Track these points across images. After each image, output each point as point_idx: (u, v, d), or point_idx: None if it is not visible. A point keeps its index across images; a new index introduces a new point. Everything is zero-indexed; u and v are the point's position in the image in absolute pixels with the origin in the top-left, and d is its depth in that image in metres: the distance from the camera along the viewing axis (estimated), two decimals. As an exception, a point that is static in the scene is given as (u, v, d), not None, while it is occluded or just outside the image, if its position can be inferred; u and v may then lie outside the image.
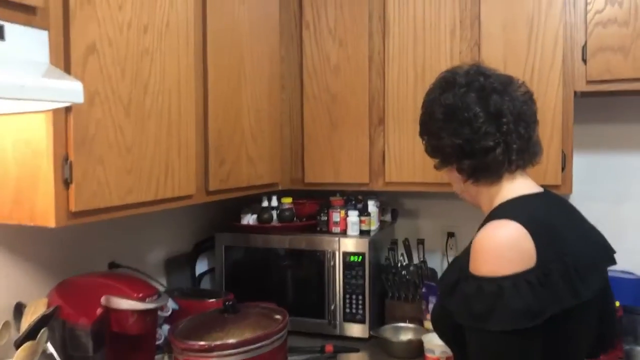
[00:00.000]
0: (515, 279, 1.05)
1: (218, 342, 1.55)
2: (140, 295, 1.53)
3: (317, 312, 2.20)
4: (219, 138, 1.87)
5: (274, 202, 2.34)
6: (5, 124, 1.33)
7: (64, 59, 1.28)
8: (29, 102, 1.13)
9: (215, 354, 1.52)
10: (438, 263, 2.52)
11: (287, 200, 2.34)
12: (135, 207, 1.52)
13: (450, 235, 2.51)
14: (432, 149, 1.33)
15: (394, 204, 2.58)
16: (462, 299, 1.12)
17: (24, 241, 1.63)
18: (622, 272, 2.24)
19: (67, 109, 1.29)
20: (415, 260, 2.37)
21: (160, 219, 2.19)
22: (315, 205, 2.38)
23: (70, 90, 1.11)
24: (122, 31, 1.44)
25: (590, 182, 2.28)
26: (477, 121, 1.21)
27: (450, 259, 2.48)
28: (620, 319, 2.04)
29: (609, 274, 2.24)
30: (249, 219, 2.33)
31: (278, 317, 1.74)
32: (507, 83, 1.27)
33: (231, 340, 1.56)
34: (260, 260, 2.30)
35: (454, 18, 2.11)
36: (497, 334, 1.07)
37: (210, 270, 2.44)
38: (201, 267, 2.42)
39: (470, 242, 1.31)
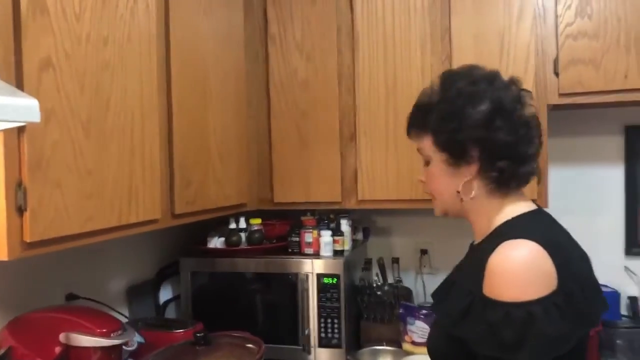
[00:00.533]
0: (544, 303, 0.99)
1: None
2: (104, 330, 1.41)
3: (291, 339, 2.10)
4: (185, 158, 1.76)
5: (242, 224, 2.24)
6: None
7: (15, 75, 1.16)
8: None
9: (188, 391, 1.40)
10: (412, 281, 2.46)
11: (256, 222, 2.24)
12: (96, 235, 1.40)
13: (424, 252, 2.45)
14: (459, 143, 1.16)
15: (365, 222, 2.51)
16: (486, 327, 1.02)
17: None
18: (597, 285, 2.22)
19: (20, 130, 1.17)
20: (390, 280, 2.30)
21: (120, 245, 2.05)
22: (285, 225, 2.29)
23: (25, 108, 0.99)
24: (80, 44, 1.32)
25: (562, 196, 2.26)
26: (532, 124, 1.17)
27: (425, 277, 2.42)
28: (599, 333, 2.02)
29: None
30: (216, 243, 2.22)
31: (253, 346, 1.64)
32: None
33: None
34: (229, 285, 2.19)
35: (424, 31, 2.07)
36: None
37: (175, 298, 2.31)
38: (165, 294, 2.29)
39: (466, 261, 1.24)
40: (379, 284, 2.25)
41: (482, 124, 1.14)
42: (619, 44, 1.89)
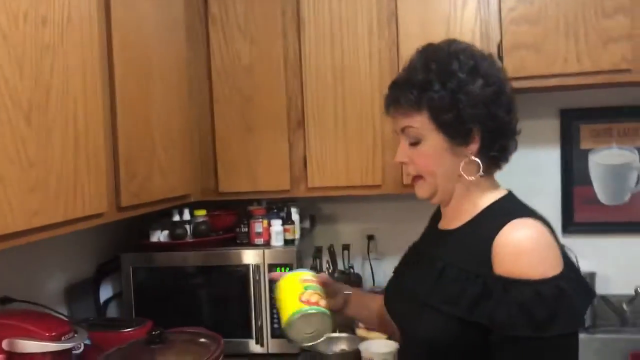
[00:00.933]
0: (566, 278, 0.99)
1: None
2: (53, 334, 1.31)
3: (243, 331, 2.04)
4: (129, 148, 1.66)
5: (187, 216, 2.15)
6: None
7: (-52, 55, 1.04)
8: None
9: (150, 394, 1.32)
10: (360, 267, 2.46)
11: (201, 213, 2.16)
12: (42, 231, 1.28)
13: (370, 238, 2.46)
14: (464, 121, 1.10)
15: (311, 209, 2.48)
16: (516, 308, 0.98)
17: None
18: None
19: (-44, 118, 1.05)
20: (340, 267, 2.29)
21: (55, 242, 1.91)
22: (231, 216, 2.22)
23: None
24: (17, 23, 1.20)
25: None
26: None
27: (373, 263, 2.43)
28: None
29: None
30: (159, 236, 2.12)
31: (210, 342, 1.57)
32: None
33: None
34: (174, 280, 2.10)
35: (371, 16, 2.05)
36: (558, 339, 0.98)
37: (116, 296, 2.19)
38: (105, 292, 2.17)
39: (446, 243, 1.18)
40: (330, 271, 2.23)
41: (487, 101, 1.10)
42: (558, 29, 1.95)
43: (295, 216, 2.15)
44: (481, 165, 1.13)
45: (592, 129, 2.30)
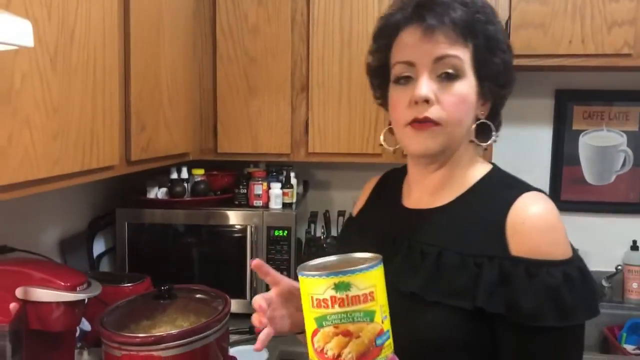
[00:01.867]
0: (581, 258, 0.90)
1: (163, 332, 1.36)
2: (68, 283, 1.29)
3: (238, 292, 2.06)
4: (140, 101, 1.63)
5: (184, 174, 2.13)
6: None
7: (-17, -9, 1.00)
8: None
9: (162, 345, 1.33)
10: (350, 235, 2.49)
11: (199, 172, 2.14)
12: (61, 180, 1.26)
13: (362, 206, 2.48)
14: (508, 72, 1.01)
15: (304, 175, 2.49)
16: (544, 294, 0.85)
17: None
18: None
19: (-11, 57, 1.02)
20: (334, 233, 2.32)
21: (51, 194, 1.87)
22: (230, 177, 2.21)
23: (18, 30, 0.85)
24: (46, -37, 1.16)
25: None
26: None
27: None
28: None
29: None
30: (157, 193, 2.10)
31: (217, 300, 1.58)
32: None
33: (176, 331, 1.38)
34: (169, 238, 2.09)
35: (382, -19, 2.04)
36: (578, 328, 0.88)
37: (109, 251, 2.17)
38: (98, 247, 2.14)
39: (434, 222, 1.01)
40: (324, 237, 2.25)
41: (511, 62, 1.00)
42: (566, 10, 1.99)
43: (293, 180, 2.15)
44: (493, 130, 1.01)
45: (585, 110, 2.36)
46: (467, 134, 1.00)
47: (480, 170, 1.03)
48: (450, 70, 0.94)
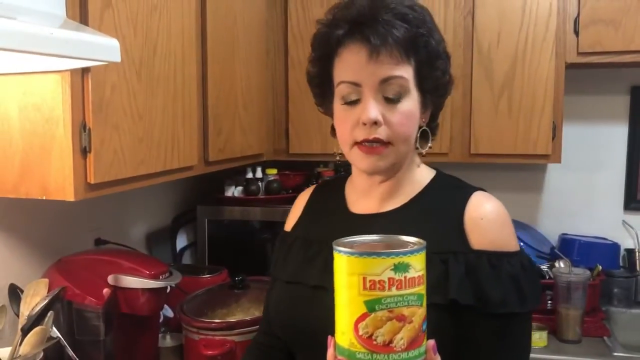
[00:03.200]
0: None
1: (236, 319, 1.48)
2: (152, 272, 1.44)
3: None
4: (217, 106, 1.76)
5: (259, 174, 2.26)
6: (7, 86, 1.18)
7: (79, 13, 1.15)
8: (48, 59, 1.00)
9: (236, 331, 1.45)
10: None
11: (273, 172, 2.26)
12: (145, 179, 1.41)
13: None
14: (447, 81, 1.05)
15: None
16: (509, 282, 0.93)
17: (8, 218, 1.47)
18: (595, 237, 2.35)
19: (85, 71, 1.17)
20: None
21: (139, 192, 2.05)
22: (300, 176, 2.32)
23: (107, 47, 0.99)
24: (132, -15, 1.30)
25: (568, 151, 2.32)
26: None
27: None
28: (601, 282, 2.14)
29: (585, 239, 2.33)
30: (233, 191, 2.24)
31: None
32: None
33: (249, 318, 1.50)
34: (246, 233, 2.22)
35: (447, -14, 2.08)
36: (530, 314, 0.99)
37: (191, 245, 2.34)
38: (181, 241, 2.31)
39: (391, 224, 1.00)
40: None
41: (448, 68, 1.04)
42: (639, 5, 1.94)
43: (362, 179, 2.22)
44: (430, 136, 1.03)
45: (663, 107, 2.29)
46: (412, 146, 1.02)
47: (427, 174, 1.07)
48: (392, 95, 0.96)
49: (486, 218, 0.97)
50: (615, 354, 1.84)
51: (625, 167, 2.35)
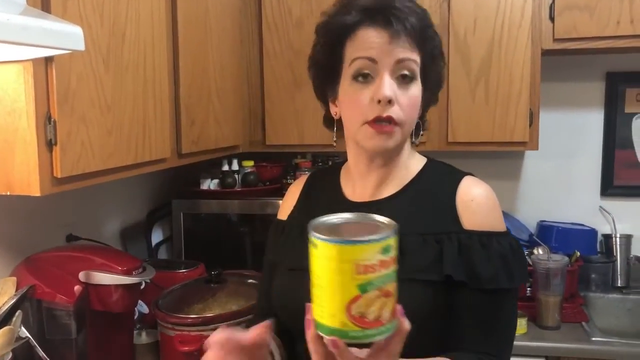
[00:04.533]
0: None
1: (212, 314, 1.45)
2: (125, 268, 1.40)
3: (287, 278, 2.13)
4: (189, 96, 1.72)
5: (235, 166, 2.22)
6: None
7: (41, 1, 1.10)
8: (8, 48, 0.95)
9: (212, 326, 1.42)
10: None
11: (249, 164, 2.23)
12: (115, 172, 1.37)
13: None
14: (441, 74, 1.11)
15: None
16: (500, 261, 1.00)
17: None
18: (573, 224, 2.36)
19: (48, 61, 1.12)
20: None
21: (111, 186, 2.00)
22: (277, 168, 2.29)
23: (70, 35, 0.94)
24: (97, -28, 1.26)
25: (545, 138, 2.32)
26: None
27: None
28: (579, 268, 2.15)
29: (563, 226, 2.34)
30: (209, 184, 2.20)
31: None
32: None
33: (225, 312, 1.47)
34: (223, 227, 2.19)
35: (424, -28, 2.06)
36: (516, 291, 1.07)
37: (167, 240, 2.30)
38: (156, 236, 2.27)
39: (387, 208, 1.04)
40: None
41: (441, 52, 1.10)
42: (613, -10, 1.95)
43: (340, 169, 2.20)
44: (422, 126, 1.10)
45: (638, 92, 2.30)
46: (410, 132, 1.07)
47: (419, 162, 1.12)
48: (408, 73, 1.00)
49: (476, 200, 1.03)
50: (594, 338, 1.85)
51: (602, 153, 2.36)
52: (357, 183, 1.11)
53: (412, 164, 1.10)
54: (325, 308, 0.76)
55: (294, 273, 1.07)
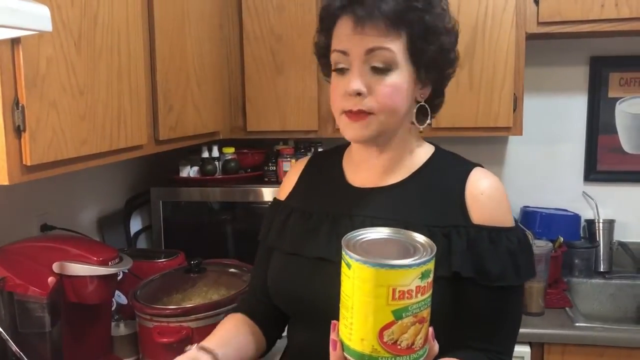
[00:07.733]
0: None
1: (192, 304, 1.41)
2: (101, 258, 1.35)
3: (270, 266, 2.10)
4: (167, 82, 1.67)
5: (215, 153, 2.18)
6: None
7: (5, -21, 1.05)
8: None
9: (192, 317, 1.38)
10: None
11: (230, 150, 2.18)
12: (90, 159, 1.32)
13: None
14: (448, 56, 1.04)
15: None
16: (507, 257, 0.98)
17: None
18: (557, 209, 2.35)
19: (15, 42, 1.06)
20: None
21: (88, 174, 1.95)
22: (259, 155, 2.25)
23: (35, 15, 0.89)
24: (67, -50, 1.20)
25: (529, 123, 2.30)
26: None
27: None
28: (563, 254, 2.14)
29: (546, 211, 2.34)
30: (189, 172, 2.15)
31: (244, 273, 1.62)
32: None
33: (204, 302, 1.43)
34: (203, 215, 2.14)
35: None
36: (523, 287, 1.06)
37: (146, 229, 2.25)
38: (135, 225, 2.22)
39: (390, 198, 1.04)
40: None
41: (454, 43, 1.04)
42: (597, -27, 1.92)
43: (322, 156, 2.17)
44: (430, 112, 1.05)
45: (622, 77, 2.29)
46: (407, 118, 1.04)
47: (426, 150, 1.10)
48: (379, 65, 0.97)
49: (485, 194, 1.01)
50: (577, 324, 1.85)
51: (585, 138, 2.36)
52: (360, 168, 1.10)
53: (419, 152, 1.08)
54: (355, 331, 0.74)
55: (292, 257, 1.08)
